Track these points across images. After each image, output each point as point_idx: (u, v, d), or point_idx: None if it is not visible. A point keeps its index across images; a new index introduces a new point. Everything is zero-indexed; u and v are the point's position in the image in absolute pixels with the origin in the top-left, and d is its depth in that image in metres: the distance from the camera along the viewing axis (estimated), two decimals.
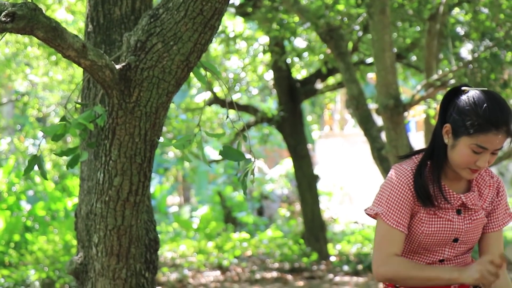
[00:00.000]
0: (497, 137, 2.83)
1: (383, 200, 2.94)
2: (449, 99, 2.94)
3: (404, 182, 2.92)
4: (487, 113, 2.81)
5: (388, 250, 2.93)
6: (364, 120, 10.36)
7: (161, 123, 3.43)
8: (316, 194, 14.24)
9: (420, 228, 2.93)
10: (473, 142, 2.84)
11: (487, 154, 2.86)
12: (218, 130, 15.61)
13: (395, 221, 2.92)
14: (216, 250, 15.08)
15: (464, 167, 2.89)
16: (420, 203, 2.92)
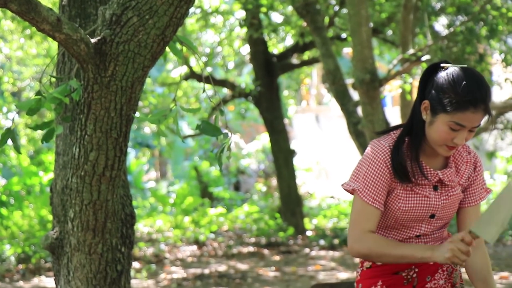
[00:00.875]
0: (475, 115, 2.84)
1: (360, 176, 2.95)
2: (428, 75, 2.93)
3: (382, 158, 2.93)
4: (465, 91, 2.82)
5: (363, 226, 2.94)
6: (340, 95, 10.38)
7: (137, 97, 3.41)
8: (292, 169, 14.27)
9: (397, 204, 2.94)
10: (451, 119, 2.85)
11: (465, 132, 2.87)
12: (195, 105, 15.57)
13: (371, 197, 2.93)
14: (192, 225, 15.10)
15: (441, 144, 2.90)
16: (398, 180, 2.93)
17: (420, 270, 3.02)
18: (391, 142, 2.96)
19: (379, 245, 2.92)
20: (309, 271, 10.71)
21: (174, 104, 3.35)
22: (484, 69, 9.37)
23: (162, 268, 11.49)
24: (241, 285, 9.87)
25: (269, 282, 10.06)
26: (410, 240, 3.01)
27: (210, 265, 11.57)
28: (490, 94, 2.87)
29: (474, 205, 3.06)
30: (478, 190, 3.07)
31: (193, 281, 10.23)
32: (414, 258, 2.88)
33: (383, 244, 2.92)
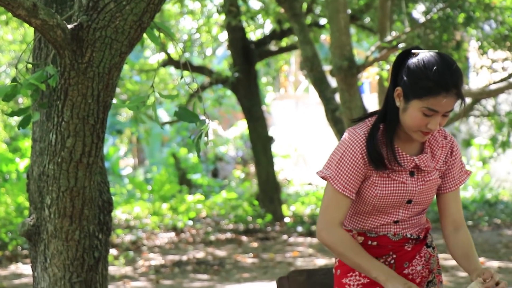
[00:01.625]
0: (447, 99, 2.84)
1: (333, 163, 2.95)
2: (400, 61, 2.94)
3: (356, 146, 2.93)
4: (437, 76, 2.82)
5: (333, 215, 2.95)
6: (318, 81, 10.39)
7: (114, 84, 3.40)
8: (270, 156, 14.29)
9: (374, 191, 2.95)
10: (424, 105, 2.85)
11: (438, 117, 2.87)
12: (172, 91, 15.54)
13: (342, 185, 2.93)
14: (170, 212, 15.09)
15: (415, 130, 2.90)
16: (373, 167, 2.94)
17: (398, 256, 3.03)
18: (366, 130, 2.96)
19: (344, 245, 2.92)
20: (287, 258, 10.74)
21: (152, 90, 3.35)
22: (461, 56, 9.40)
23: (140, 255, 11.48)
24: (219, 272, 9.88)
25: (247, 268, 10.09)
26: (389, 226, 3.01)
27: (188, 252, 11.57)
28: (462, 78, 2.87)
29: (455, 190, 3.07)
30: (457, 174, 3.07)
31: (171, 267, 10.23)
32: (368, 274, 2.89)
33: (348, 246, 2.92)
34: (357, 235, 3.03)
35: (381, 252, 3.01)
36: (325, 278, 3.25)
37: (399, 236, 3.03)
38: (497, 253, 10.62)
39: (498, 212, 14.65)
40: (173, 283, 9.26)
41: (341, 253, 2.94)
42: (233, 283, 9.14)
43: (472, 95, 9.95)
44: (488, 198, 16.13)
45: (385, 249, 3.03)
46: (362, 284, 3.01)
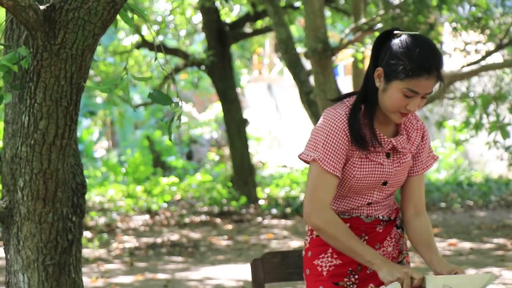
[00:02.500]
0: (428, 81, 2.85)
1: (319, 145, 2.94)
2: (381, 42, 2.94)
3: (340, 126, 2.93)
4: (419, 57, 2.83)
5: (322, 198, 2.93)
6: (293, 64, 10.39)
7: (87, 65, 3.38)
8: (245, 138, 14.29)
9: (352, 172, 2.95)
10: (405, 86, 2.85)
11: (418, 98, 2.88)
12: (147, 74, 15.47)
13: (332, 166, 2.93)
14: (145, 195, 15.07)
15: (394, 110, 2.91)
16: (355, 147, 2.94)
17: (370, 238, 3.05)
18: (346, 110, 2.96)
19: (336, 227, 2.91)
20: (261, 240, 10.77)
21: (125, 72, 3.33)
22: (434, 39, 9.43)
23: (114, 237, 11.46)
24: (194, 254, 9.89)
25: (221, 250, 10.11)
26: (362, 208, 3.03)
27: (162, 234, 11.57)
28: (442, 61, 2.90)
29: (421, 173, 3.10)
30: (425, 158, 3.10)
31: (146, 250, 10.23)
32: (362, 258, 2.88)
33: (340, 229, 2.91)
34: None
35: (354, 233, 3.02)
36: (299, 260, 3.26)
37: (372, 218, 3.05)
38: (469, 234, 10.72)
39: (471, 194, 14.77)
40: (148, 265, 9.26)
41: (332, 236, 2.92)
42: (207, 265, 9.15)
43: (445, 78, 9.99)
44: (461, 180, 16.26)
45: (357, 231, 3.03)
46: (334, 265, 3.02)
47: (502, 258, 8.90)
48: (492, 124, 9.54)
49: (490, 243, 9.98)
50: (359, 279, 3.01)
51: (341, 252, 2.97)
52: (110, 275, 8.73)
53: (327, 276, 3.02)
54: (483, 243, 10.00)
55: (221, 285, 7.99)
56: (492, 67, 10.04)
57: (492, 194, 14.67)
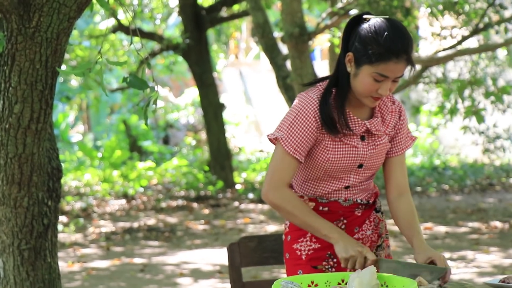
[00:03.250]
0: (397, 65, 2.85)
1: (285, 125, 2.96)
2: (351, 27, 2.94)
3: (310, 110, 2.94)
4: (387, 42, 2.83)
5: (281, 177, 2.96)
6: (270, 48, 10.39)
7: (62, 49, 3.36)
8: (222, 123, 14.28)
9: (326, 155, 2.96)
10: (374, 70, 2.86)
11: (388, 82, 2.89)
12: (122, 58, 15.40)
13: (293, 147, 2.94)
14: (121, 179, 15.03)
15: (366, 95, 2.92)
16: (326, 131, 2.95)
17: (349, 222, 3.06)
18: (318, 94, 2.97)
19: (292, 204, 2.94)
20: (238, 224, 10.79)
21: (100, 56, 3.31)
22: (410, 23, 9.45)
23: (90, 222, 11.43)
24: (170, 239, 9.89)
25: (198, 235, 10.11)
26: (340, 192, 3.03)
27: (139, 219, 11.56)
28: (412, 44, 2.90)
29: (401, 154, 3.11)
30: (403, 139, 3.11)
31: (122, 234, 10.22)
32: (318, 232, 2.91)
33: (296, 205, 2.94)
34: (308, 201, 3.04)
35: (332, 217, 3.03)
36: (276, 244, 3.27)
37: (350, 202, 3.06)
38: (444, 218, 10.79)
39: (446, 178, 14.86)
40: (124, 250, 9.25)
41: (289, 212, 2.95)
42: (184, 249, 9.16)
43: (421, 62, 10.03)
44: (437, 165, 16.36)
45: (336, 215, 3.05)
46: (313, 249, 3.03)
47: (476, 241, 8.98)
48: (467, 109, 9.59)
49: (465, 227, 10.06)
50: (337, 262, 3.02)
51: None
52: (86, 259, 8.72)
53: (305, 260, 3.03)
54: (458, 227, 10.08)
55: (198, 269, 8.00)
56: (467, 52, 10.09)
57: (467, 178, 14.77)
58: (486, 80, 12.46)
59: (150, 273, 7.88)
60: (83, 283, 7.52)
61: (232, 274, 3.18)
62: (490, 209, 11.53)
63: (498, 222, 10.22)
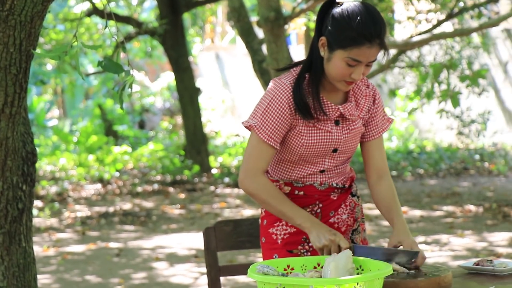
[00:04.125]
0: (370, 50, 2.84)
1: (258, 113, 2.96)
2: (324, 11, 2.93)
3: (283, 96, 2.93)
4: (360, 26, 2.82)
5: (256, 164, 2.96)
6: (245, 32, 10.37)
7: (37, 33, 3.33)
8: (197, 107, 14.26)
9: (300, 140, 2.97)
10: (347, 55, 2.84)
11: (362, 67, 2.87)
12: (98, 42, 15.31)
13: (267, 135, 2.94)
14: (97, 164, 14.98)
15: (339, 79, 2.90)
16: (300, 116, 2.95)
17: (324, 206, 3.06)
18: (291, 80, 2.96)
19: (267, 192, 2.95)
20: (214, 209, 10.79)
21: (75, 40, 3.28)
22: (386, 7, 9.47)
23: (65, 206, 11.39)
24: (146, 223, 9.88)
25: (174, 219, 10.11)
26: (315, 176, 3.04)
27: (114, 203, 11.53)
28: (385, 28, 2.89)
29: (378, 137, 3.11)
30: (380, 122, 3.11)
31: (98, 219, 10.19)
32: (293, 221, 2.92)
33: (271, 194, 2.95)
34: (283, 185, 3.04)
35: (307, 201, 3.04)
36: (251, 228, 3.27)
37: (325, 186, 3.06)
38: (419, 202, 10.86)
39: (422, 162, 14.94)
40: (100, 234, 9.23)
41: (264, 201, 2.96)
42: (160, 234, 9.15)
43: (397, 47, 10.06)
44: (412, 149, 16.44)
45: (311, 199, 3.05)
46: (289, 233, 3.03)
47: (451, 225, 9.05)
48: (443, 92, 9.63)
49: (440, 210, 10.13)
50: (312, 246, 3.02)
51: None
52: (61, 244, 8.69)
53: (281, 244, 3.03)
54: (433, 210, 10.15)
55: (174, 254, 8.00)
56: (442, 36, 10.12)
57: (442, 162, 14.86)
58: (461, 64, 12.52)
59: (126, 258, 7.88)
60: (58, 267, 7.51)
61: (208, 258, 3.19)
62: (464, 193, 11.62)
63: (473, 206, 10.30)
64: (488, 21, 9.58)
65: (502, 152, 15.97)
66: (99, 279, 6.98)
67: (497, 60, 17.48)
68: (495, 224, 8.98)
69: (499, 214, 9.57)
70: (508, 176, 13.40)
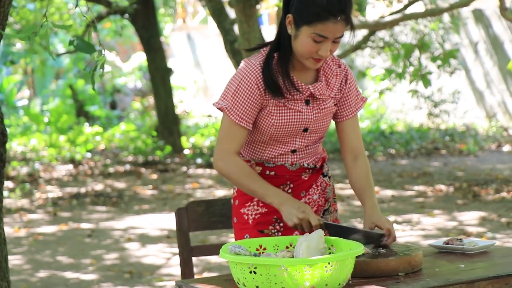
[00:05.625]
0: (336, 25, 2.83)
1: (229, 94, 2.95)
2: None
3: (252, 76, 2.92)
4: (324, 1, 2.81)
5: (229, 146, 2.97)
6: (217, 12, 10.32)
7: (6, 12, 3.30)
8: (169, 88, 14.21)
9: (271, 120, 2.96)
10: (313, 31, 2.83)
11: (328, 43, 2.86)
12: (68, 22, 15.18)
13: (239, 116, 2.94)
14: (68, 144, 14.90)
15: (307, 57, 2.89)
16: (270, 96, 2.94)
17: (295, 186, 3.07)
18: (261, 60, 2.95)
19: (240, 173, 2.95)
20: (186, 189, 10.79)
21: (45, 20, 3.25)
22: None
23: (37, 187, 11.33)
24: (118, 204, 9.86)
25: (146, 200, 10.10)
26: (286, 156, 3.04)
27: (86, 184, 11.49)
28: (351, 4, 2.87)
29: (352, 117, 3.10)
30: (353, 101, 3.09)
31: (69, 200, 10.15)
32: (265, 200, 2.92)
33: (244, 174, 2.95)
34: (255, 165, 3.05)
35: (279, 181, 3.04)
36: (224, 209, 3.28)
37: (296, 166, 3.06)
38: (391, 182, 10.93)
39: (393, 142, 15.02)
40: (71, 215, 9.20)
41: (237, 181, 2.96)
42: (132, 215, 9.14)
43: (368, 27, 10.07)
44: (383, 129, 16.51)
45: (282, 179, 3.05)
46: (260, 213, 3.04)
47: (422, 204, 9.12)
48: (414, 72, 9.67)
49: (411, 190, 10.20)
50: (284, 226, 3.02)
51: None
52: (33, 225, 8.65)
53: (252, 224, 3.04)
54: (404, 190, 10.22)
55: (146, 234, 8.00)
56: (413, 17, 10.15)
57: (413, 142, 14.95)
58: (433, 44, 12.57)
59: (98, 238, 7.86)
60: (29, 248, 7.48)
61: (180, 239, 3.19)
62: (435, 172, 11.71)
63: (443, 186, 10.38)
64: (458, 1, 9.62)
65: (472, 132, 16.10)
66: (70, 260, 6.96)
67: (468, 40, 17.57)
68: (465, 204, 9.07)
69: (469, 194, 9.66)
70: (478, 156, 13.52)
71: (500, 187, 10.03)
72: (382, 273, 2.60)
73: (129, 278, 6.28)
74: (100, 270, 6.58)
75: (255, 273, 2.37)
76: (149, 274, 6.39)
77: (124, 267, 6.64)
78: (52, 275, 6.45)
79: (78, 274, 6.46)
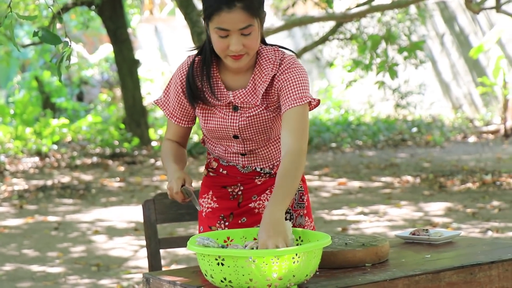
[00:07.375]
0: (232, 15, 2.67)
1: (165, 89, 2.96)
2: None
3: (177, 76, 2.88)
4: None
5: (167, 134, 3.00)
6: (184, 4, 10.29)
7: None
8: (137, 79, 14.15)
9: (201, 123, 2.90)
10: (215, 26, 2.69)
11: (235, 36, 2.69)
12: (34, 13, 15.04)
13: (169, 111, 2.93)
14: (34, 136, 14.79)
15: (223, 55, 2.75)
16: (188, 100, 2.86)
17: (246, 189, 2.96)
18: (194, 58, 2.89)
19: (163, 154, 2.97)
20: (154, 182, 10.76)
21: (10, 10, 3.22)
22: None
23: (2, 180, 11.24)
24: (85, 196, 9.81)
25: (113, 192, 10.06)
26: (237, 158, 2.94)
27: (53, 177, 11.41)
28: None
29: (284, 112, 2.78)
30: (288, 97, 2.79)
31: (35, 192, 10.08)
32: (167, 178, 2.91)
33: (164, 154, 2.96)
34: (213, 160, 3.00)
35: (229, 181, 2.97)
36: (191, 201, 3.27)
37: (248, 169, 2.95)
38: (358, 173, 10.98)
39: (360, 134, 15.09)
40: (38, 208, 9.14)
41: (162, 161, 3.00)
42: (99, 207, 9.10)
43: (335, 19, 10.10)
44: (351, 121, 16.57)
45: (234, 179, 2.96)
46: (211, 208, 2.99)
47: (389, 196, 9.17)
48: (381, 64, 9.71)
49: (378, 181, 10.26)
50: (228, 227, 2.95)
51: (220, 196, 2.98)
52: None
53: (205, 218, 3.00)
54: (372, 181, 10.27)
55: (113, 227, 7.97)
56: (380, 9, 10.19)
57: (381, 134, 15.03)
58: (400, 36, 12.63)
59: (64, 231, 7.82)
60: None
61: (148, 231, 3.18)
62: (402, 164, 11.78)
63: (410, 177, 10.45)
64: None
65: (438, 124, 16.22)
66: (37, 253, 6.92)
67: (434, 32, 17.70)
68: (432, 195, 9.14)
69: (436, 185, 9.73)
70: (444, 147, 13.63)
71: (466, 178, 10.12)
72: (349, 264, 2.62)
73: (96, 271, 6.25)
74: (67, 263, 6.55)
75: (223, 265, 2.37)
76: (116, 267, 6.36)
77: (91, 260, 6.62)
78: (18, 268, 6.40)
79: (45, 267, 6.42)
